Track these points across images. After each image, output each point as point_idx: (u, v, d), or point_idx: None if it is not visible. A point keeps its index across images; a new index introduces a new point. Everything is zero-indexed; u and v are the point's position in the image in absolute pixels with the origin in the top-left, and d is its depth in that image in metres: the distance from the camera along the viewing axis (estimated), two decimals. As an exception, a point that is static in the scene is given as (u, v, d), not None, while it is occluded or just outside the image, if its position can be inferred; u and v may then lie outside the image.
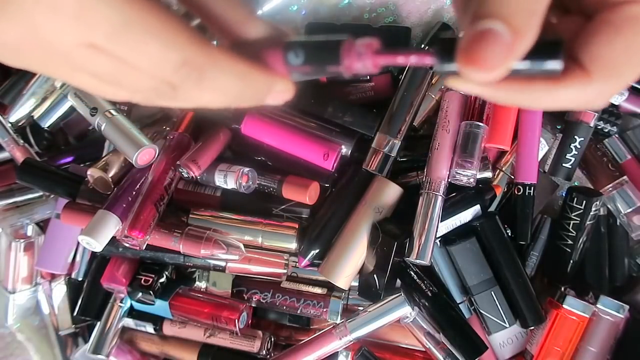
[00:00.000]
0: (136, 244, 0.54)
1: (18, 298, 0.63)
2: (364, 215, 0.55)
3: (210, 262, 0.59)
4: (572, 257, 0.58)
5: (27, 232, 0.64)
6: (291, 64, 0.27)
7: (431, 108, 0.58)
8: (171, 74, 0.25)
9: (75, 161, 0.64)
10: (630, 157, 0.59)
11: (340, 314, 0.58)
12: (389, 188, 0.55)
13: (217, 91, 0.27)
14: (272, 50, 0.28)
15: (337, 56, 0.26)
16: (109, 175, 0.57)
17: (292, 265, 0.59)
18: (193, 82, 0.26)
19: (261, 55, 0.28)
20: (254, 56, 0.28)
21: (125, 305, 0.61)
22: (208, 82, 0.26)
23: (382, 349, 0.60)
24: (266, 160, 0.59)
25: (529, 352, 0.59)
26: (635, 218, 0.59)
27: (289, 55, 0.27)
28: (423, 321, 0.56)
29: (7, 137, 0.62)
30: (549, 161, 0.59)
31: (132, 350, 0.63)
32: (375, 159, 0.55)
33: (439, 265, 0.57)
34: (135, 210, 0.54)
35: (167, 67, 0.25)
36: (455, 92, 0.55)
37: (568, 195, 0.58)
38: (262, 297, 0.60)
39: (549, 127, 0.60)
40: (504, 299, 0.56)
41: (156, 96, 0.26)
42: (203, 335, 0.61)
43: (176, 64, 0.25)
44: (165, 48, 0.24)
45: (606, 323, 0.56)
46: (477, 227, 0.56)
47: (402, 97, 0.55)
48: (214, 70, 0.26)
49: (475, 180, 0.53)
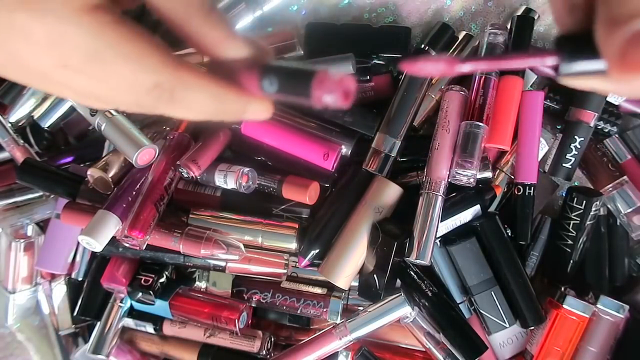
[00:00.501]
0: (136, 244, 0.54)
1: (18, 298, 0.63)
2: (364, 215, 0.55)
3: (210, 262, 0.59)
4: (572, 257, 0.58)
5: (27, 232, 0.64)
6: (265, 91, 0.27)
7: (431, 108, 0.58)
8: (144, 95, 0.26)
9: (75, 161, 0.64)
10: (630, 157, 0.59)
11: (340, 314, 0.58)
12: (389, 188, 0.55)
13: (191, 110, 0.28)
14: (248, 74, 0.28)
15: (308, 89, 0.25)
16: (109, 175, 0.57)
17: (292, 265, 0.59)
18: (165, 102, 0.27)
19: (237, 77, 0.28)
20: (231, 77, 0.28)
21: (125, 305, 0.61)
22: (180, 102, 0.27)
23: (382, 349, 0.60)
24: (266, 160, 0.59)
25: (529, 352, 0.59)
26: (635, 218, 0.59)
27: (263, 82, 0.27)
28: (423, 321, 0.56)
29: (7, 137, 0.62)
30: (549, 161, 0.59)
31: (132, 350, 0.63)
32: (375, 159, 0.55)
33: (439, 265, 0.57)
34: (135, 210, 0.54)
35: (140, 89, 0.26)
36: (455, 92, 0.55)
37: (568, 195, 0.58)
38: (262, 297, 0.60)
39: (549, 127, 0.60)
40: (504, 299, 0.56)
41: (137, 108, 0.27)
42: (203, 335, 0.61)
43: (148, 86, 0.26)
44: (136, 72, 0.25)
45: (606, 323, 0.56)
46: (477, 227, 0.56)
47: (402, 97, 0.55)
48: (185, 92, 0.27)
49: (475, 180, 0.53)
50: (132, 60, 0.25)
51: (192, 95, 0.27)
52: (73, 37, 0.24)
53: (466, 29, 0.61)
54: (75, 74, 0.25)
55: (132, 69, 0.25)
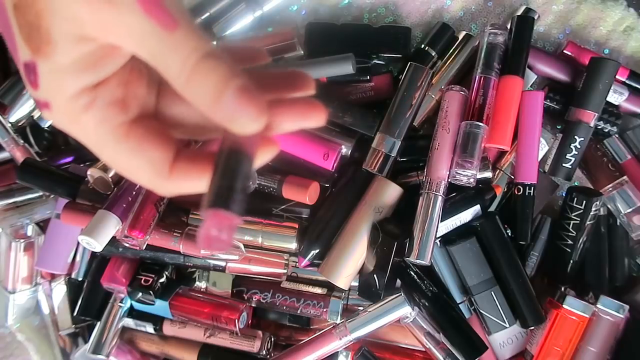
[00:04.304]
0: (136, 244, 0.54)
1: (18, 298, 0.63)
2: (364, 215, 0.55)
3: (210, 262, 0.59)
4: (572, 257, 0.58)
5: (27, 232, 0.64)
6: None
7: (431, 108, 0.58)
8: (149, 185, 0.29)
9: (75, 161, 0.64)
10: (630, 157, 0.59)
11: (340, 314, 0.58)
12: (389, 188, 0.55)
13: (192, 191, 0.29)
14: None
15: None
16: (109, 175, 0.56)
17: (292, 265, 0.59)
18: (168, 194, 0.29)
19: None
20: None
21: (125, 305, 0.61)
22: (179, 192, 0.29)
23: (382, 349, 0.60)
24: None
25: (529, 352, 0.59)
26: (635, 218, 0.59)
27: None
28: (423, 321, 0.56)
29: (7, 137, 0.62)
30: (549, 161, 0.59)
31: (132, 350, 0.63)
32: (375, 159, 0.55)
33: (439, 265, 0.57)
34: (135, 210, 0.54)
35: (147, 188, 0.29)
36: (455, 92, 0.55)
37: (568, 195, 0.58)
38: (262, 297, 0.60)
39: (549, 127, 0.60)
40: (504, 299, 0.56)
41: None
42: (203, 335, 0.61)
43: (148, 185, 0.29)
44: (139, 181, 0.28)
45: (606, 323, 0.56)
46: (477, 227, 0.56)
47: (402, 97, 0.55)
48: (179, 191, 0.29)
49: (475, 180, 0.53)
50: (129, 174, 0.28)
51: (187, 189, 0.29)
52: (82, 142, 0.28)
53: (466, 29, 0.61)
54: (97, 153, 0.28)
55: (132, 178, 0.28)
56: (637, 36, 0.60)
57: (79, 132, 0.27)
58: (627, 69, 0.59)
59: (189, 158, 0.28)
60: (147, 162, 0.27)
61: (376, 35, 0.60)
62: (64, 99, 0.25)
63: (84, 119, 0.26)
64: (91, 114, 0.26)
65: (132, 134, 0.27)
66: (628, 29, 0.60)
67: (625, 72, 0.58)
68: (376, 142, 0.55)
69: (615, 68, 0.55)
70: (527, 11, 0.59)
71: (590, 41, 0.61)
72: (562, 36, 0.61)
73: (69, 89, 0.25)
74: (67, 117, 0.26)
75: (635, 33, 0.60)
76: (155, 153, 0.27)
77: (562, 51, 0.59)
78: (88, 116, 0.26)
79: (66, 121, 0.27)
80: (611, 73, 0.55)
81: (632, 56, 0.61)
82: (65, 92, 0.25)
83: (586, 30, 0.61)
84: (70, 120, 0.26)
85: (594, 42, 0.61)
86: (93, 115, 0.26)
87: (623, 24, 0.60)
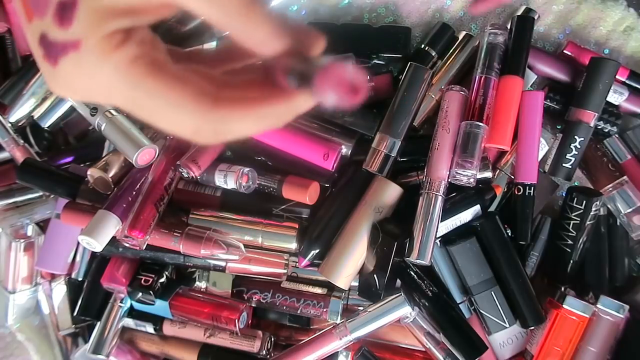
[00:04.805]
0: (136, 244, 0.54)
1: (18, 298, 0.63)
2: (364, 215, 0.55)
3: (210, 262, 0.59)
4: (572, 257, 0.58)
5: (27, 232, 0.64)
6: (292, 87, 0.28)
7: (431, 108, 0.58)
8: (191, 136, 0.28)
9: (75, 161, 0.64)
10: (630, 157, 0.59)
11: (340, 314, 0.58)
12: (389, 188, 0.55)
13: (243, 133, 0.28)
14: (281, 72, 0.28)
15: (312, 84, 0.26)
16: (109, 175, 0.57)
17: (292, 265, 0.59)
18: (212, 136, 0.28)
19: (277, 77, 0.28)
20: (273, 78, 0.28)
21: (125, 305, 0.61)
22: (227, 133, 0.28)
23: (382, 349, 0.60)
24: (266, 160, 0.59)
25: (529, 352, 0.59)
26: (635, 218, 0.59)
27: (289, 79, 0.28)
28: (423, 321, 0.56)
29: (7, 137, 0.62)
30: (549, 161, 0.59)
31: (132, 350, 0.63)
32: (375, 159, 0.55)
33: (439, 265, 0.57)
34: (135, 210, 0.54)
35: (185, 131, 0.27)
36: (456, 92, 0.55)
37: (568, 195, 0.58)
38: (262, 297, 0.60)
39: (549, 127, 0.60)
40: (504, 299, 0.56)
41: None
42: (203, 335, 0.61)
43: (190, 130, 0.27)
44: (175, 120, 0.27)
45: (606, 323, 0.56)
46: (477, 227, 0.56)
47: (402, 97, 0.55)
48: (227, 126, 0.27)
49: (475, 180, 0.53)
50: (169, 109, 0.26)
51: (235, 125, 0.27)
52: (113, 86, 0.26)
53: (466, 29, 0.61)
54: (130, 111, 0.27)
55: (170, 117, 0.27)
56: (637, 36, 0.60)
57: (108, 71, 0.26)
58: (627, 69, 0.59)
59: (234, 90, 0.28)
60: (190, 92, 0.26)
61: (376, 35, 0.60)
62: (98, 37, 0.25)
63: (116, 57, 0.25)
64: (124, 51, 0.25)
65: (170, 67, 0.26)
66: (628, 29, 0.60)
67: (625, 72, 0.58)
68: (376, 142, 0.55)
69: (615, 68, 0.55)
70: (527, 11, 0.59)
71: (590, 41, 0.61)
72: (562, 36, 0.61)
73: (105, 29, 0.25)
74: (99, 55, 0.25)
75: (635, 33, 0.60)
76: (198, 82, 0.27)
77: (562, 51, 0.59)
78: (122, 53, 0.25)
79: (95, 60, 0.25)
80: (611, 73, 0.55)
81: (632, 56, 0.61)
82: (102, 31, 0.25)
83: (586, 30, 0.61)
84: (102, 58, 0.25)
85: (594, 42, 0.61)
86: (126, 52, 0.25)
87: (623, 24, 0.60)
